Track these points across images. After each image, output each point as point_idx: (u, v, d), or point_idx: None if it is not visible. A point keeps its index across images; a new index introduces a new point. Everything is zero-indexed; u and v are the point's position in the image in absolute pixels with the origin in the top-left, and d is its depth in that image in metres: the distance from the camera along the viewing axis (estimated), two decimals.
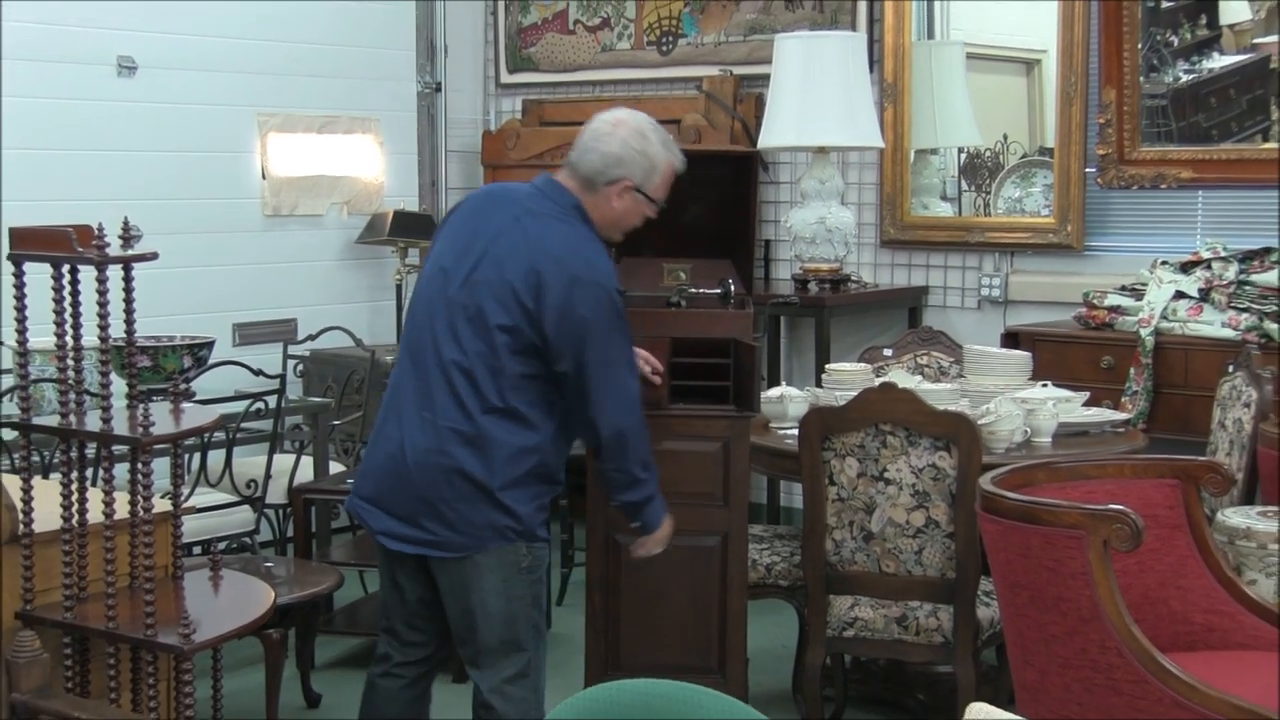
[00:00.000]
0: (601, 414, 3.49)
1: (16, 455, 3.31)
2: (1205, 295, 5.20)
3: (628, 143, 3.53)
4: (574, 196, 3.55)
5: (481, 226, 3.53)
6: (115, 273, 3.03)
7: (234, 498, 5.21)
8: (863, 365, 4.95)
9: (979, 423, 4.11)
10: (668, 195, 3.68)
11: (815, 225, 5.89)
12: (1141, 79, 5.73)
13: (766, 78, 6.05)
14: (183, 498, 3.20)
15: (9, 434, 4.12)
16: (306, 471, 5.48)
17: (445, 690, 4.43)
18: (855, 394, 4.14)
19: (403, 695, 3.69)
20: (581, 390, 3.47)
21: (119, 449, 3.11)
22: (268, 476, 5.27)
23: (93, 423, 3.11)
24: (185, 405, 3.32)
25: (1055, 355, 5.30)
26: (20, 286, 3.13)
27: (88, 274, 3.06)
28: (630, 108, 3.74)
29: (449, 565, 3.51)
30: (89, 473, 3.18)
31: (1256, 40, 5.54)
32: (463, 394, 3.41)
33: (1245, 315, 5.06)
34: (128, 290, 3.07)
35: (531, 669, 3.60)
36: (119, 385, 3.22)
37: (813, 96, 5.75)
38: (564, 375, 3.46)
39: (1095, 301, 5.44)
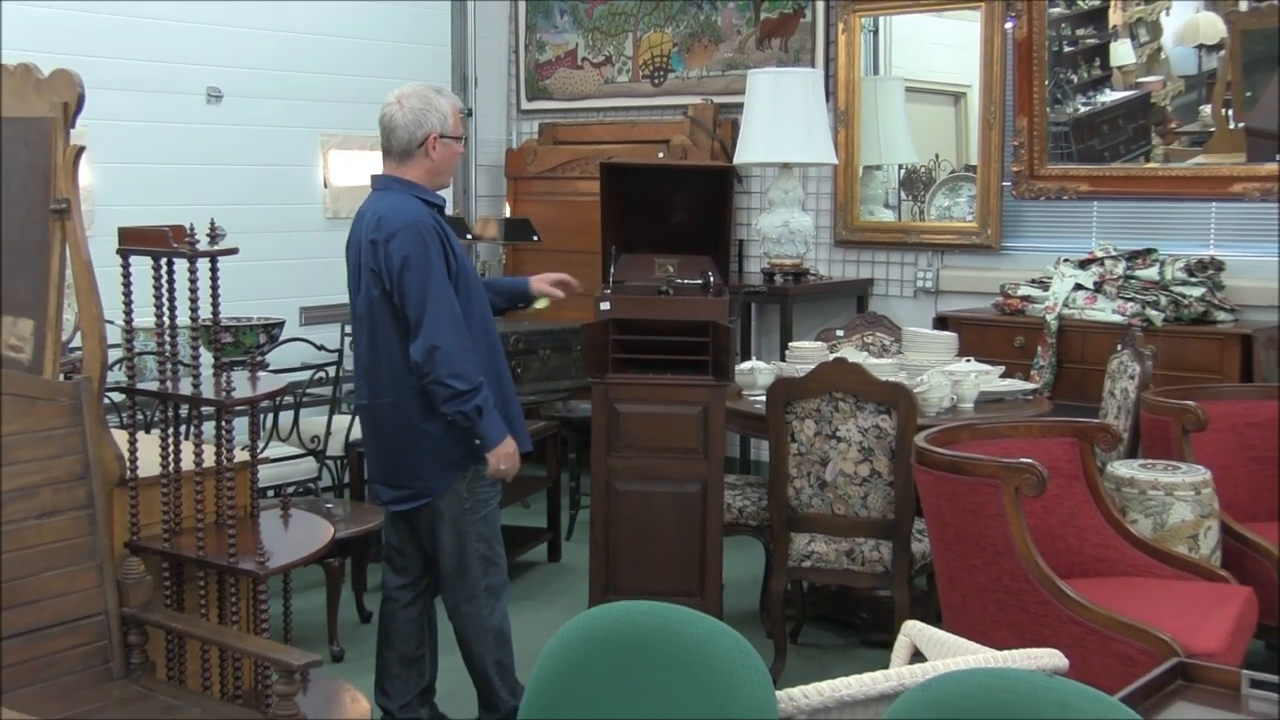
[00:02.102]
0: (419, 332, 3.35)
1: (124, 414, 3.31)
2: (1099, 287, 5.20)
3: (417, 109, 3.50)
4: (391, 175, 3.54)
5: (351, 241, 3.62)
6: (204, 265, 3.02)
7: (300, 450, 5.22)
8: (819, 343, 4.95)
9: (914, 391, 4.11)
10: (458, 136, 3.59)
11: (780, 228, 5.88)
12: (1048, 109, 5.72)
13: (741, 106, 6.03)
14: (258, 450, 3.20)
15: (118, 397, 4.12)
16: (359, 428, 5.47)
17: None
18: (813, 367, 4.14)
19: (404, 615, 3.68)
20: (408, 315, 3.38)
21: (207, 410, 3.11)
22: (328, 433, 5.28)
23: (185, 388, 3.11)
24: (260, 374, 3.31)
25: (977, 336, 5.29)
26: (126, 276, 3.13)
27: (181, 265, 3.06)
28: (622, 125, 3.70)
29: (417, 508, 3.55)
30: (182, 429, 3.17)
31: (1140, 80, 5.55)
32: None
33: (1131, 304, 5.07)
34: (214, 279, 3.07)
35: (481, 591, 3.58)
36: (206, 357, 3.23)
37: (779, 121, 5.74)
38: (399, 307, 3.40)
39: (1010, 292, 5.44)
